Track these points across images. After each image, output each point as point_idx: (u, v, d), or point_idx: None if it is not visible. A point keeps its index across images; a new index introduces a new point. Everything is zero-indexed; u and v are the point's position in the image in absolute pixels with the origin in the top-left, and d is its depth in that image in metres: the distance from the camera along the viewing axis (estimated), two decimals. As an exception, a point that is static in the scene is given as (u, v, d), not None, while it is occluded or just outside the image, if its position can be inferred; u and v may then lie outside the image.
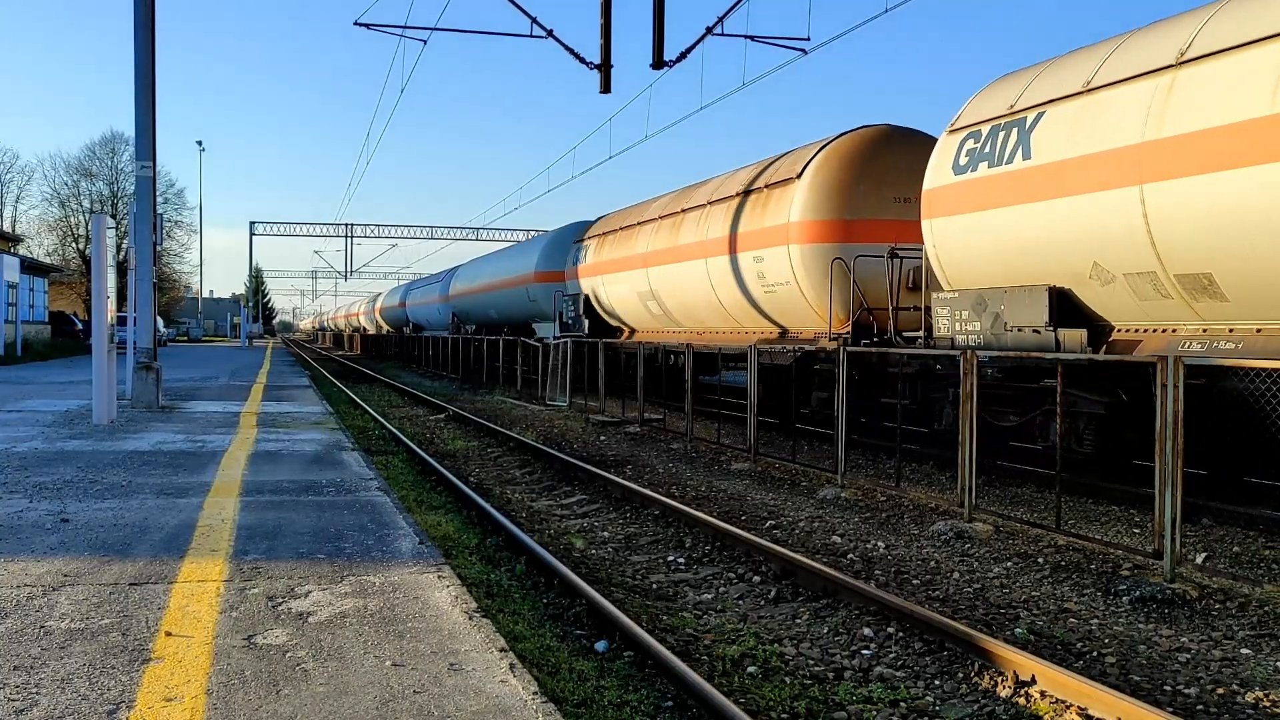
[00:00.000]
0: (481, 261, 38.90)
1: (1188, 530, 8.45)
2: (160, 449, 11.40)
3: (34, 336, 40.85)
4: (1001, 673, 5.41)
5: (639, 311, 21.50)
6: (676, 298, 19.16)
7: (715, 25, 15.83)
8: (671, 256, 18.92)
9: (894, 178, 14.05)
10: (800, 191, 14.52)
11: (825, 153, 14.58)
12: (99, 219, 15.74)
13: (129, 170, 61.30)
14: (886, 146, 14.46)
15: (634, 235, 21.48)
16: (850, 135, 14.69)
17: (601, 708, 4.99)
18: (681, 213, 18.94)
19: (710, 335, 18.37)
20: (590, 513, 10.45)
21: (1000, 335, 10.66)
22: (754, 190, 16.09)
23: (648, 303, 20.63)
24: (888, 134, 14.68)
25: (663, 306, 19.89)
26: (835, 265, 13.74)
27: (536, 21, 17.08)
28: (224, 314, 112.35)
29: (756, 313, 16.27)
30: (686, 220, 18.57)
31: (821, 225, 14.24)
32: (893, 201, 14.07)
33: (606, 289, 23.10)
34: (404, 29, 18.67)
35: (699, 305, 18.23)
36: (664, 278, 19.40)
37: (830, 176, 14.30)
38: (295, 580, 5.69)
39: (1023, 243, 10.34)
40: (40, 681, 4.07)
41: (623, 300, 22.22)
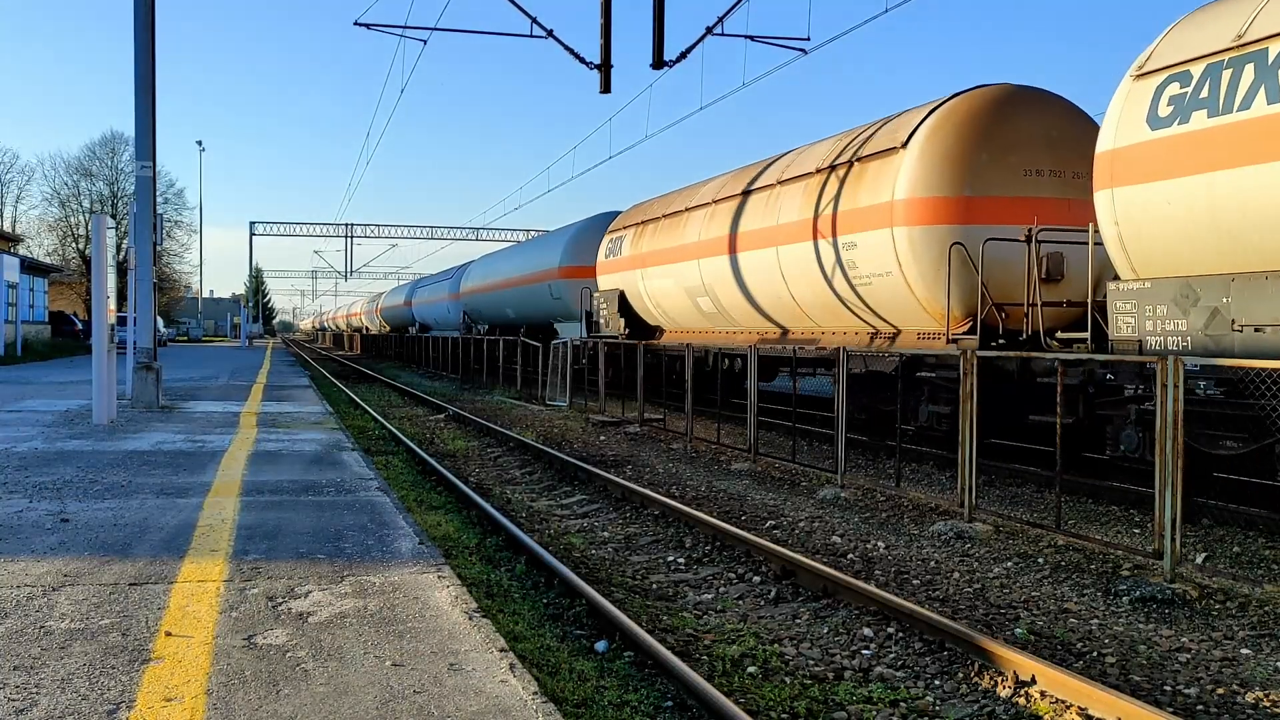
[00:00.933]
0: (497, 257, 36.78)
1: (1188, 530, 8.45)
2: (160, 449, 11.40)
3: (34, 336, 40.86)
4: (1001, 673, 5.41)
5: (686, 309, 19.17)
6: (736, 293, 16.81)
7: (715, 25, 15.82)
8: (730, 246, 16.59)
9: (1023, 146, 11.85)
10: (908, 164, 12.11)
11: (938, 117, 12.18)
12: (99, 219, 15.74)
13: (129, 170, 61.31)
14: (1012, 109, 12.10)
15: (682, 223, 19.02)
16: (966, 96, 12.33)
17: (601, 708, 4.99)
18: (743, 195, 16.45)
19: (776, 336, 16.18)
20: (590, 513, 10.45)
21: (1221, 337, 8.35)
22: (841, 166, 13.62)
23: (698, 299, 18.29)
24: (1012, 94, 12.31)
25: (717, 303, 17.55)
26: (954, 252, 11.39)
27: (536, 21, 17.08)
28: (224, 314, 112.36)
29: (843, 309, 13.98)
30: (750, 204, 16.14)
31: (936, 203, 11.85)
32: (1021, 175, 11.80)
33: (647, 284, 20.60)
34: (404, 29, 18.67)
35: (765, 301, 15.89)
36: (721, 270, 17.01)
37: (946, 145, 11.90)
38: (295, 580, 5.69)
39: (1265, 214, 7.90)
40: (40, 681, 4.07)
41: (667, 297, 19.81)
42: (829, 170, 13.90)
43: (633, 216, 22.52)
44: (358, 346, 77.93)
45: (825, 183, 13.94)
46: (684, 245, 18.56)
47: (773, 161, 16.44)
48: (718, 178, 18.76)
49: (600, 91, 16.12)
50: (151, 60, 16.62)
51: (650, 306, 20.89)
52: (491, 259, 37.22)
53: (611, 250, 22.94)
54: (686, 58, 15.92)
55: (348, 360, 56.25)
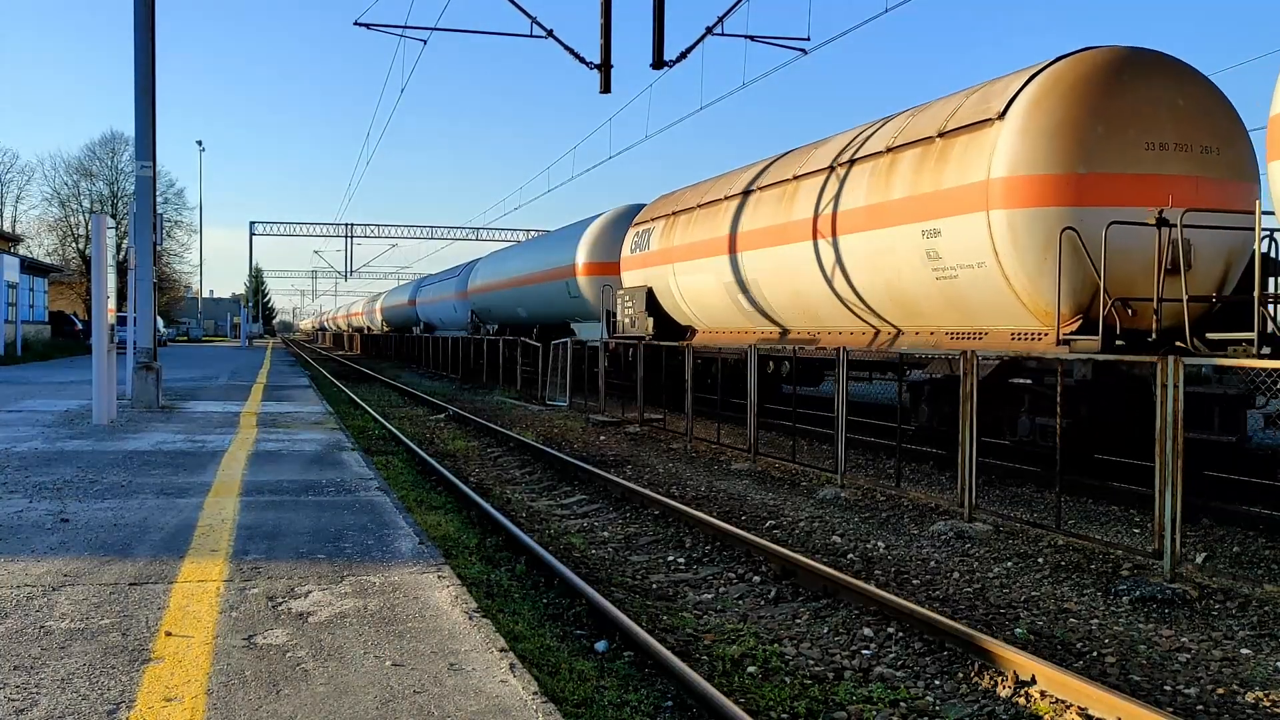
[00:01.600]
0: (508, 253, 35.15)
1: (1188, 530, 8.45)
2: (160, 449, 11.40)
3: (34, 336, 40.87)
4: (1001, 673, 5.41)
5: (723, 307, 17.53)
6: (784, 288, 15.21)
7: (715, 25, 15.83)
8: (778, 236, 14.97)
9: (1143, 117, 10.35)
10: (1007, 137, 10.57)
11: (1043, 84, 10.61)
12: (99, 219, 15.74)
13: (129, 170, 61.31)
14: (1130, 74, 10.55)
15: (720, 213, 17.33)
16: (1074, 60, 10.74)
17: (601, 708, 4.99)
18: (793, 180, 14.79)
19: (827, 336, 14.64)
20: (590, 513, 10.45)
21: None
22: (917, 143, 12.02)
23: (738, 296, 16.63)
24: (1128, 57, 10.69)
25: (759, 300, 15.95)
26: (1065, 238, 9.88)
27: (536, 21, 17.09)
28: (224, 314, 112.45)
29: (919, 306, 12.33)
30: (802, 190, 14.45)
31: (1044, 183, 10.30)
32: (1143, 149, 10.28)
33: (679, 280, 18.92)
34: (404, 29, 18.68)
35: (821, 299, 14.26)
36: (765, 264, 15.41)
37: (1054, 115, 10.36)
38: (295, 580, 5.69)
39: None
40: (40, 681, 4.07)
41: (702, 294, 18.18)
42: (902, 149, 12.29)
43: (662, 207, 20.77)
44: (358, 346, 77.94)
45: (897, 163, 12.31)
46: (723, 237, 16.91)
47: (827, 142, 14.92)
48: (761, 163, 17.13)
49: (600, 91, 16.13)
50: (151, 60, 16.62)
51: (682, 304, 19.27)
52: (502, 255, 35.58)
53: (638, 244, 21.23)
54: (686, 58, 15.94)
55: (348, 360, 56.26)
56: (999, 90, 11.14)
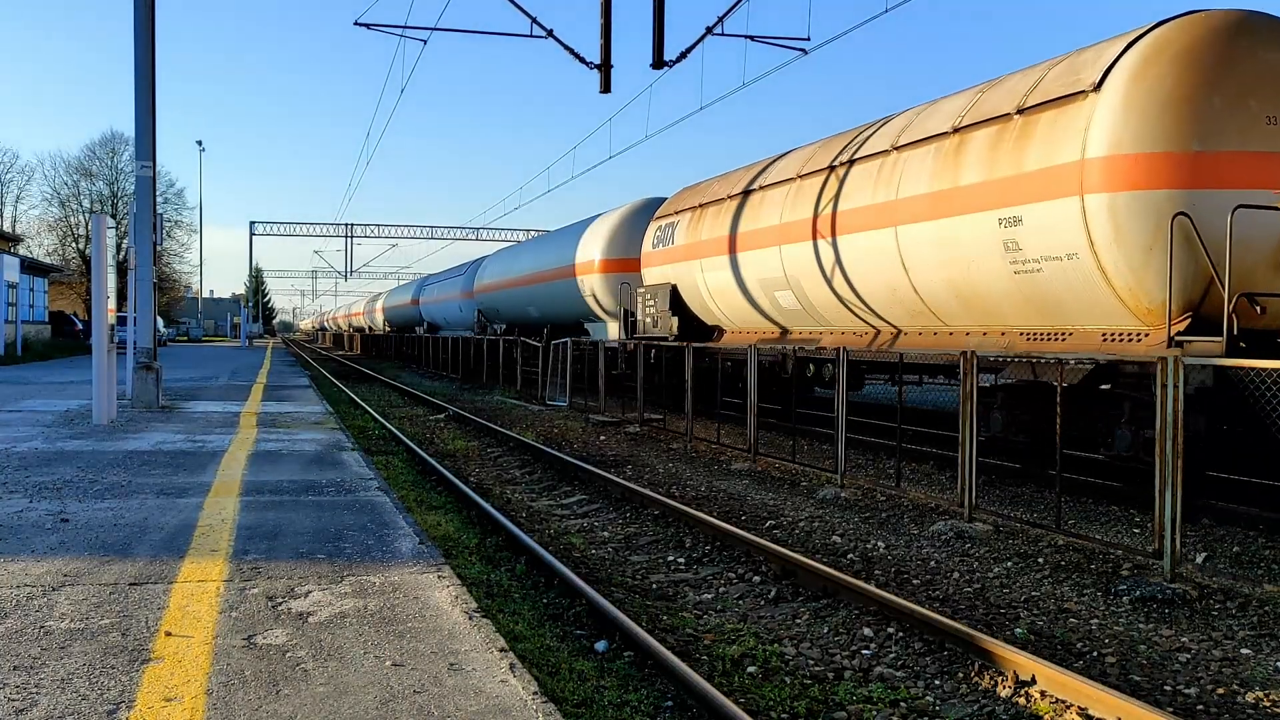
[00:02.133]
0: (517, 250, 33.52)
1: (1188, 530, 8.44)
2: (160, 449, 11.40)
3: (34, 336, 40.87)
4: (1001, 673, 5.41)
5: (760, 305, 16.19)
6: (831, 285, 14.01)
7: (715, 25, 15.82)
8: (825, 228, 13.66)
9: (1264, 87, 9.22)
10: (1105, 111, 9.33)
11: (1146, 51, 9.42)
12: (99, 219, 15.74)
13: (129, 170, 61.34)
14: (1247, 40, 9.35)
15: (755, 204, 16.04)
16: (1181, 24, 9.56)
17: (601, 708, 4.99)
18: (845, 166, 13.50)
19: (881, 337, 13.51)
20: (590, 513, 10.45)
21: None
22: (990, 122, 10.73)
23: (777, 293, 15.35)
24: (1243, 20, 9.52)
25: (801, 298, 14.75)
26: (1177, 225, 8.74)
27: (536, 21, 17.08)
28: (224, 314, 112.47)
29: (993, 303, 10.99)
30: (854, 177, 13.19)
31: (1152, 162, 9.14)
32: (1264, 124, 9.18)
33: (707, 277, 17.54)
34: (404, 29, 18.68)
35: (874, 295, 13.05)
36: (810, 258, 14.15)
37: (1163, 85, 9.17)
38: (295, 580, 5.69)
39: None
40: (40, 681, 4.07)
41: (733, 291, 16.84)
42: (971, 129, 11.04)
43: (687, 199, 19.39)
44: (358, 346, 77.95)
45: (966, 145, 11.04)
46: (758, 230, 15.59)
47: (884, 123, 13.56)
48: (801, 149, 15.86)
49: (600, 91, 16.13)
50: (151, 60, 16.62)
51: (710, 302, 17.89)
52: (511, 252, 34.21)
53: (661, 239, 19.86)
54: (686, 58, 15.93)
55: (348, 360, 56.27)
56: (1090, 60, 9.86)
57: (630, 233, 22.55)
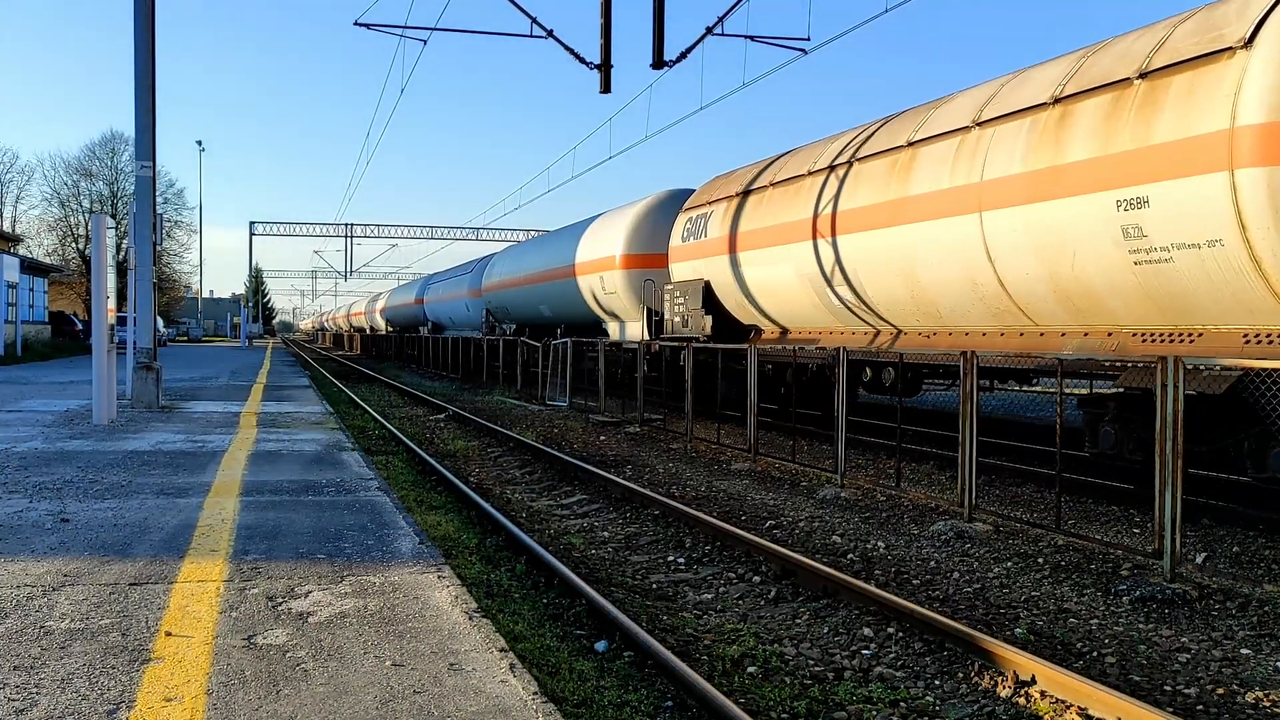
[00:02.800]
0: (529, 246, 31.86)
1: (1188, 530, 8.45)
2: (160, 449, 11.40)
3: (34, 336, 40.87)
4: (1001, 673, 5.41)
5: (806, 303, 14.72)
6: (895, 279, 12.41)
7: (715, 25, 15.82)
8: (890, 215, 12.23)
9: None
10: (1261, 69, 7.96)
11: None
12: (99, 219, 15.74)
13: (129, 170, 61.33)
14: None
15: (804, 190, 14.44)
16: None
17: (601, 708, 4.99)
18: (909, 147, 12.12)
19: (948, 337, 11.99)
20: (590, 513, 10.45)
21: None
22: (1103, 89, 9.34)
23: (831, 289, 13.86)
24: None
25: (860, 294, 13.24)
26: None
27: (536, 21, 17.08)
28: (224, 314, 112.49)
29: (1099, 297, 9.55)
30: (925, 158, 11.78)
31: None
32: None
33: (746, 272, 16.02)
34: (404, 29, 18.67)
35: (951, 291, 11.51)
36: (871, 249, 12.70)
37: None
38: (295, 580, 5.69)
39: None
40: (40, 681, 4.07)
41: (778, 287, 15.30)
42: (1077, 98, 9.62)
43: (722, 188, 17.89)
44: (358, 347, 77.95)
45: (1071, 117, 9.63)
46: (808, 220, 14.08)
47: (951, 99, 12.28)
48: (858, 130, 14.36)
49: (600, 91, 16.12)
50: (151, 60, 16.62)
51: (748, 300, 16.33)
52: (523, 249, 32.71)
53: (692, 231, 18.35)
54: (686, 58, 15.92)
55: (348, 360, 56.27)
56: (1231, 13, 8.48)
57: (655, 226, 21.13)
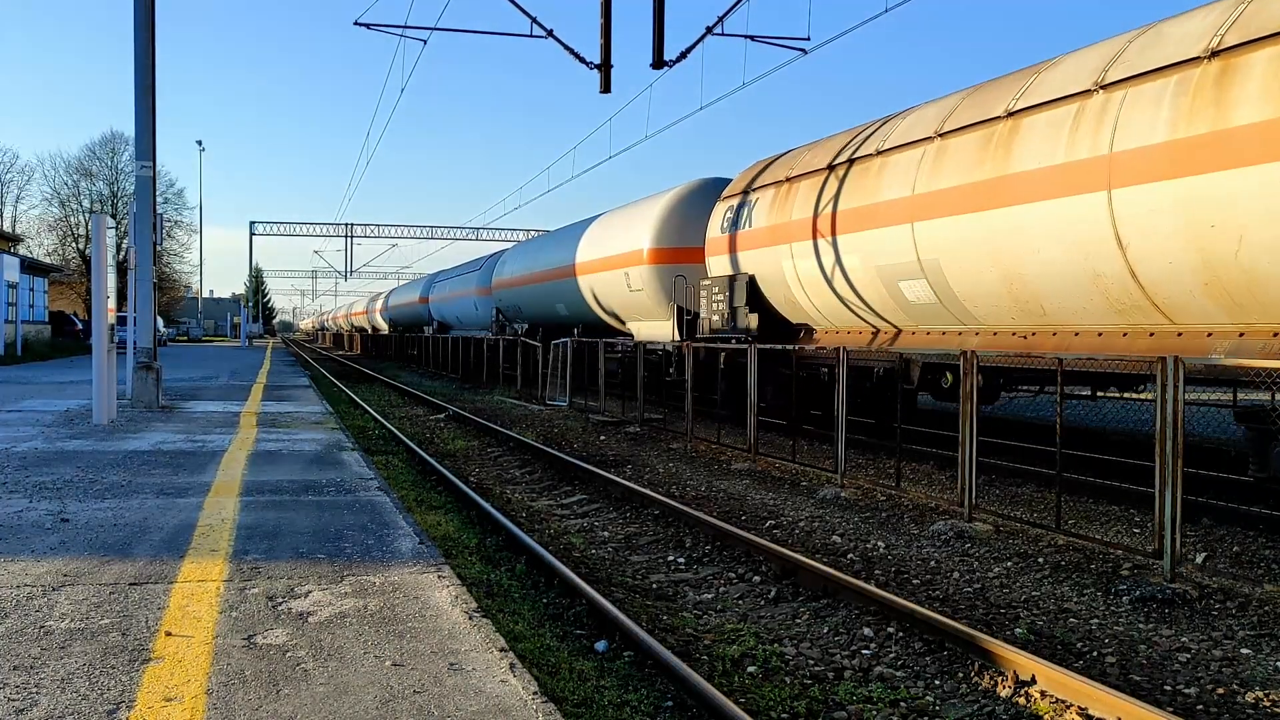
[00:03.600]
0: (543, 242, 29.95)
1: (1188, 530, 8.45)
2: (160, 449, 11.40)
3: (34, 336, 40.87)
4: (1001, 672, 5.41)
5: (875, 298, 13.07)
6: (988, 270, 10.75)
7: (715, 25, 15.82)
8: (983, 198, 10.64)
9: None
10: None
11: None
12: (99, 219, 15.74)
13: (129, 170, 61.35)
14: None
15: (871, 172, 12.91)
16: None
17: (601, 708, 4.99)
18: (1007, 119, 10.49)
19: (1049, 338, 10.46)
20: (590, 512, 10.45)
21: None
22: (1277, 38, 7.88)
23: (904, 283, 12.30)
24: None
25: (940, 288, 11.67)
26: None
27: (536, 21, 17.07)
28: (224, 314, 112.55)
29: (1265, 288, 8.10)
30: (1027, 131, 10.19)
31: None
32: None
33: (799, 264, 14.49)
34: (404, 29, 18.66)
35: (1056, 283, 9.99)
36: (957, 236, 11.08)
37: None
38: (295, 580, 5.69)
39: None
40: (40, 681, 4.07)
41: (837, 280, 13.78)
42: (1242, 49, 8.18)
43: (769, 172, 16.18)
44: (358, 346, 77.95)
45: (1233, 72, 8.21)
46: (877, 205, 12.55)
47: (1054, 64, 10.60)
48: (931, 104, 12.78)
49: (600, 91, 16.10)
50: (151, 60, 16.62)
51: (800, 295, 14.84)
52: (536, 244, 30.92)
53: (733, 221, 16.71)
54: (686, 58, 15.91)
55: (348, 360, 56.27)
56: None
57: (686, 217, 19.58)
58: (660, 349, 18.70)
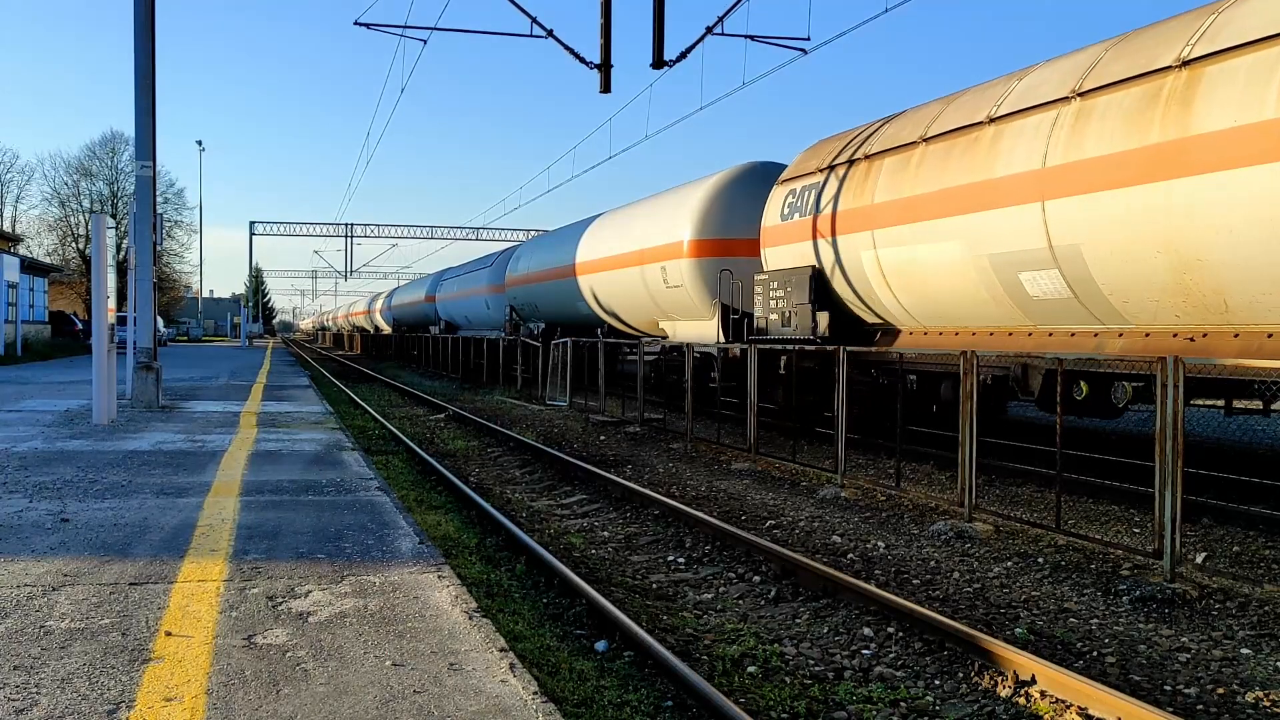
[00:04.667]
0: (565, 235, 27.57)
1: (1188, 530, 8.45)
2: (160, 449, 11.40)
3: (34, 336, 40.87)
4: (1001, 672, 5.41)
5: (982, 292, 11.12)
6: (1153, 255, 8.96)
7: (715, 25, 15.81)
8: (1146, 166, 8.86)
9: None
10: None
11: None
12: (99, 219, 15.75)
13: (129, 170, 61.33)
14: None
15: (983, 144, 10.91)
16: None
17: (601, 707, 4.99)
18: (1180, 69, 8.72)
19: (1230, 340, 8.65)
20: (590, 512, 10.45)
21: None
22: None
23: (1029, 274, 10.33)
24: None
25: (1078, 279, 9.85)
26: None
27: (536, 21, 17.07)
28: (224, 314, 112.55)
29: None
30: (1211, 81, 8.41)
31: None
32: None
33: (882, 255, 12.58)
34: (404, 29, 18.66)
35: (1253, 272, 8.20)
36: (1108, 216, 9.28)
37: None
38: (295, 580, 5.69)
39: None
40: (40, 681, 4.07)
41: (933, 272, 11.76)
42: None
43: (840, 150, 14.26)
44: (358, 346, 77.95)
45: None
46: (992, 181, 10.62)
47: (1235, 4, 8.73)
48: (1057, 61, 10.82)
49: (600, 91, 16.09)
50: (151, 60, 16.62)
51: (881, 290, 12.90)
52: (556, 238, 28.38)
53: (797, 207, 14.86)
54: (686, 58, 15.90)
55: (348, 360, 56.27)
56: None
57: (732, 205, 17.78)
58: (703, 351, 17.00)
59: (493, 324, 33.77)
